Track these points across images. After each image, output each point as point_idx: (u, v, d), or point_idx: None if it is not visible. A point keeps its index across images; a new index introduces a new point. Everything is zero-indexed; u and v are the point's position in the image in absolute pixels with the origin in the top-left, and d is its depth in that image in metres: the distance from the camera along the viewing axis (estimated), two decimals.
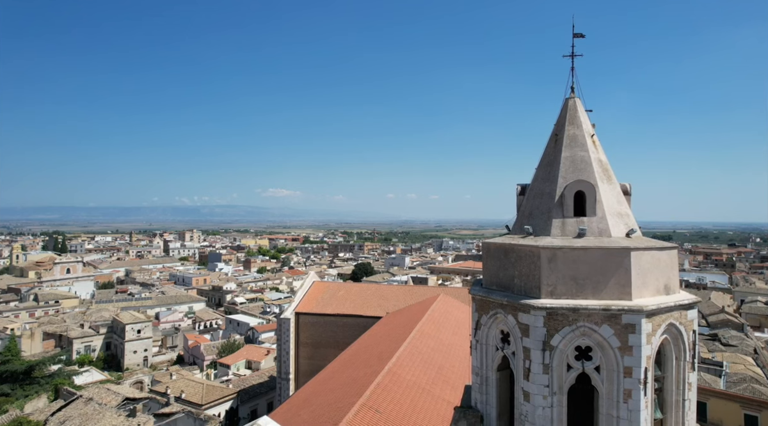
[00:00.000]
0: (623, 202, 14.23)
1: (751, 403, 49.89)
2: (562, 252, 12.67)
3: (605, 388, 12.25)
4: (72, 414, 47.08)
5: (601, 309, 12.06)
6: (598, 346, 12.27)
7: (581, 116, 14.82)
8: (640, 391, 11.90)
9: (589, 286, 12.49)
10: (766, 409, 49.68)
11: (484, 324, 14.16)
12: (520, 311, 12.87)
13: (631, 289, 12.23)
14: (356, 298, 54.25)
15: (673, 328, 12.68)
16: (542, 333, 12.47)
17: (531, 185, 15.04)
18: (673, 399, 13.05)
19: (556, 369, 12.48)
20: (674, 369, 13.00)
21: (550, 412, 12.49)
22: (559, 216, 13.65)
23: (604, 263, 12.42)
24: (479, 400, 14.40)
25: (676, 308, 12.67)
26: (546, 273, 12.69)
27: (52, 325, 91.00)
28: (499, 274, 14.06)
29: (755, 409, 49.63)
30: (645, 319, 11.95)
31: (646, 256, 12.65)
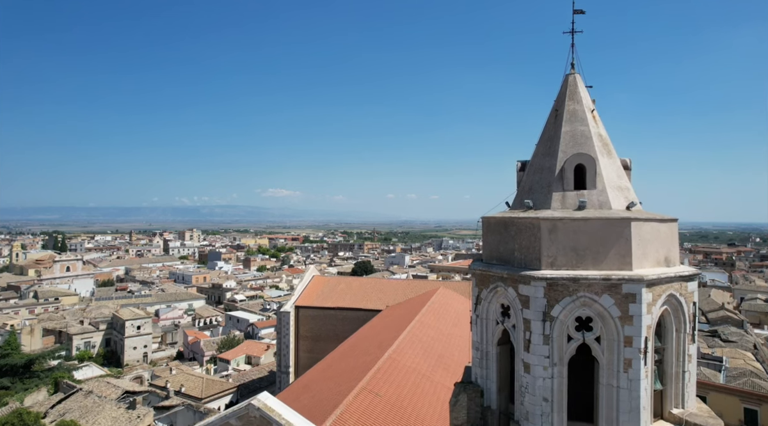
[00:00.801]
0: (623, 177, 14.24)
1: (750, 397, 49.90)
2: (563, 223, 12.68)
3: (605, 358, 12.25)
4: (72, 406, 47.07)
5: (602, 279, 12.06)
6: (599, 316, 12.27)
7: (581, 92, 14.84)
8: (640, 361, 11.90)
9: (589, 257, 12.49)
10: (765, 403, 49.69)
11: (484, 298, 14.17)
12: (520, 283, 12.87)
13: (632, 259, 12.23)
14: (356, 292, 54.24)
15: (673, 299, 12.69)
16: (542, 304, 12.48)
17: (531, 161, 15.05)
18: (673, 371, 13.05)
19: (557, 340, 12.48)
20: (674, 341, 13.00)
21: (550, 383, 12.49)
22: (560, 189, 13.66)
23: (604, 233, 12.43)
24: (479, 374, 14.41)
25: (676, 279, 12.68)
26: (546, 244, 12.70)
27: (52, 321, 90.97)
28: (499, 248, 14.06)
29: (755, 403, 49.63)
30: (645, 289, 11.96)
31: (646, 227, 12.66)
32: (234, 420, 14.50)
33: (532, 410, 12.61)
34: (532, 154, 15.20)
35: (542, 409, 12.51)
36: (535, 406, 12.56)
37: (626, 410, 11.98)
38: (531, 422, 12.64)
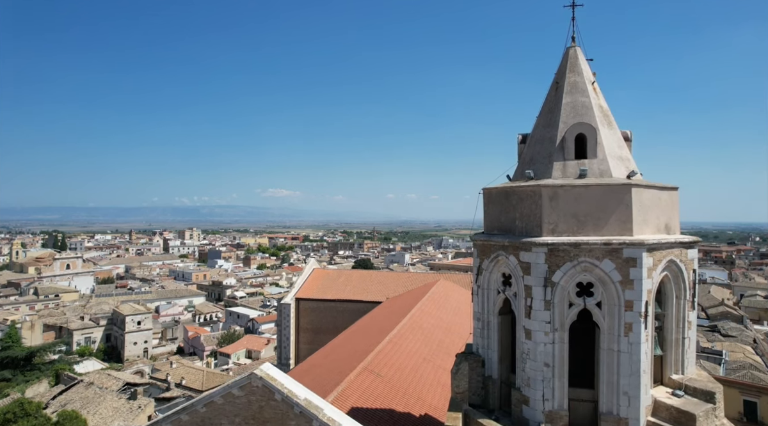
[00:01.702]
0: (624, 147, 14.32)
1: (750, 389, 49.96)
2: (564, 190, 12.76)
3: (606, 323, 12.33)
4: (73, 397, 47.10)
5: (603, 243, 12.14)
6: (600, 281, 12.35)
7: (582, 64, 14.92)
8: (640, 325, 11.98)
9: (590, 224, 12.57)
10: (765, 395, 49.76)
11: (485, 268, 14.25)
12: (521, 250, 12.95)
13: (632, 225, 12.31)
14: (356, 284, 54.32)
15: (673, 266, 12.77)
16: (543, 269, 12.56)
17: (532, 133, 15.14)
18: (673, 337, 13.14)
19: (558, 305, 12.57)
20: (674, 307, 13.09)
21: (551, 348, 12.57)
22: (560, 159, 13.74)
23: (605, 200, 12.51)
24: (480, 344, 14.49)
25: (676, 245, 12.76)
26: (547, 211, 12.78)
27: (52, 317, 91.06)
28: (500, 218, 14.14)
29: (754, 395, 49.69)
30: (646, 254, 12.04)
31: (646, 193, 12.74)
32: (236, 390, 14.58)
33: (534, 376, 12.69)
34: (532, 127, 15.29)
35: (543, 375, 12.59)
36: (536, 372, 12.64)
37: (627, 374, 12.06)
38: (532, 388, 12.72)
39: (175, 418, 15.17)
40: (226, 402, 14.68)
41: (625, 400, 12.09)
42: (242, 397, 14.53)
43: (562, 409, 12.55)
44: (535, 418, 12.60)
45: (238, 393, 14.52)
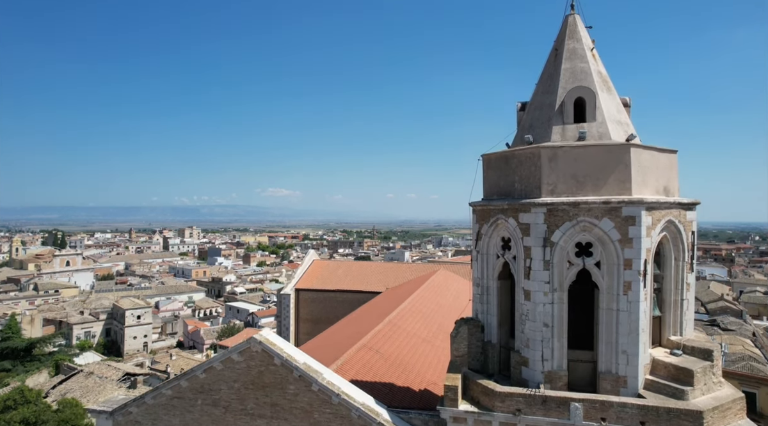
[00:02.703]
0: (623, 112, 14.34)
1: (749, 380, 49.95)
2: (563, 151, 12.79)
3: (605, 282, 12.35)
4: (73, 387, 47.11)
5: (602, 202, 12.16)
6: (599, 240, 12.38)
7: (581, 31, 14.92)
8: (639, 283, 12.01)
9: (589, 184, 12.59)
10: (764, 386, 49.81)
11: (484, 233, 14.26)
12: (520, 212, 12.97)
13: (631, 184, 12.33)
14: (356, 275, 54.30)
15: (672, 226, 12.79)
16: (543, 230, 12.58)
17: (531, 100, 15.14)
18: (671, 298, 13.16)
19: (557, 265, 12.59)
20: (673, 269, 13.11)
21: (551, 308, 12.59)
22: (559, 123, 13.76)
23: (604, 160, 12.53)
24: (480, 310, 14.50)
25: (675, 206, 12.79)
26: (546, 172, 12.80)
27: (52, 312, 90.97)
28: (499, 182, 14.16)
29: (753, 386, 49.68)
30: (645, 212, 12.06)
31: (645, 154, 12.76)
32: (235, 355, 14.58)
33: (533, 336, 12.71)
34: (531, 94, 15.30)
35: (543, 335, 12.61)
36: (535, 332, 12.67)
37: (625, 332, 12.09)
38: (531, 349, 12.75)
39: (175, 384, 15.20)
40: (225, 367, 14.70)
41: (624, 359, 12.12)
42: (242, 362, 14.55)
43: (561, 369, 12.58)
44: (535, 379, 12.62)
45: (238, 358, 14.54)
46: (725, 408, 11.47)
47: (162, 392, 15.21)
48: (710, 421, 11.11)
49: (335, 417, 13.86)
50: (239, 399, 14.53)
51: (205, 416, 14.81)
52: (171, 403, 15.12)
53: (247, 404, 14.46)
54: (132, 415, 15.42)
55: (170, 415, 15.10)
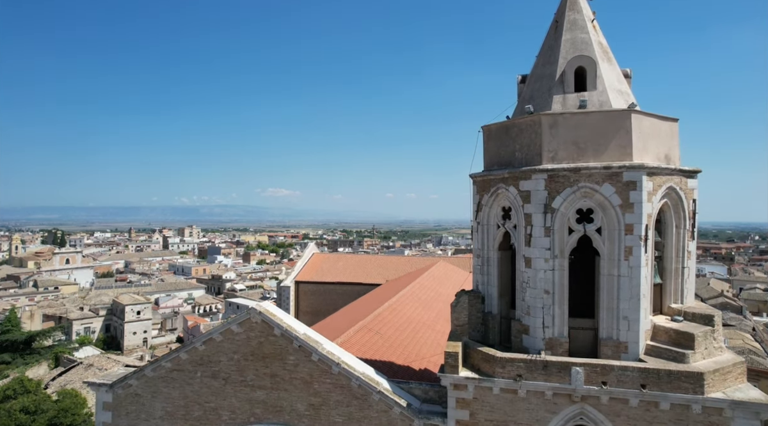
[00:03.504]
0: (624, 82, 14.30)
1: (749, 373, 49.82)
2: (563, 118, 12.76)
3: (606, 248, 12.32)
4: (73, 378, 47.07)
5: (602, 167, 12.13)
6: (600, 206, 12.34)
7: (581, 3, 14.87)
8: (640, 248, 11.97)
9: (590, 150, 12.55)
10: (764, 378, 49.77)
11: (485, 204, 14.23)
12: (521, 179, 12.93)
13: (632, 150, 12.29)
14: (356, 268, 54.26)
15: (673, 193, 12.76)
16: (543, 196, 12.54)
17: (531, 72, 15.11)
18: (672, 266, 13.13)
19: (558, 232, 12.55)
20: (674, 236, 13.08)
21: (551, 275, 12.55)
22: (560, 92, 13.72)
23: (605, 126, 12.49)
24: (480, 281, 14.47)
25: (677, 173, 12.75)
26: (547, 139, 12.77)
27: (51, 308, 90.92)
28: (500, 152, 14.12)
29: (753, 379, 49.49)
30: (646, 177, 12.03)
31: (646, 121, 12.72)
32: (235, 326, 14.53)
33: (533, 304, 12.67)
34: (532, 67, 15.27)
35: (543, 302, 12.57)
36: (536, 299, 12.63)
37: (627, 298, 12.05)
38: (532, 316, 12.71)
39: (174, 356, 15.15)
40: (225, 339, 14.66)
41: (625, 325, 12.08)
42: (241, 333, 14.50)
43: (562, 336, 12.55)
44: (535, 346, 12.59)
45: (237, 330, 14.50)
46: (726, 371, 11.43)
47: (161, 365, 15.17)
48: (711, 383, 11.08)
49: (335, 387, 13.82)
50: (239, 370, 14.49)
51: (204, 388, 14.76)
52: (170, 376, 15.08)
53: (247, 375, 14.41)
54: (132, 388, 15.37)
55: (170, 387, 15.05)
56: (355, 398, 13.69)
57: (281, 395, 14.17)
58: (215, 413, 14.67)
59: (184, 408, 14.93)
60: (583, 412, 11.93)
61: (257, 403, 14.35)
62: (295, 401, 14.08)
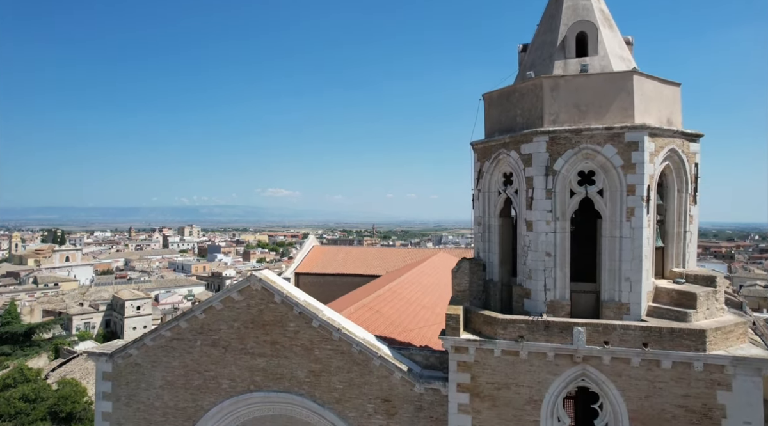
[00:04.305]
0: (625, 49, 14.26)
1: None
2: (565, 80, 12.72)
3: (608, 210, 12.27)
4: (73, 369, 47.07)
5: (604, 128, 12.09)
6: (601, 168, 12.30)
7: None
8: (642, 209, 11.93)
9: (591, 113, 12.51)
10: None
11: (486, 171, 14.18)
12: (522, 143, 12.89)
13: (634, 112, 12.24)
14: (356, 260, 54.19)
15: (675, 156, 12.70)
16: (545, 158, 12.50)
17: (532, 41, 15.06)
18: (674, 230, 13.07)
19: (559, 194, 12.51)
20: (676, 200, 13.02)
21: (553, 237, 12.51)
22: (561, 58, 13.67)
23: (606, 88, 12.44)
24: (481, 248, 14.42)
25: (678, 135, 12.70)
26: (548, 102, 12.72)
27: (51, 304, 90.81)
28: (501, 119, 14.07)
29: None
30: (648, 138, 11.99)
31: (648, 84, 12.67)
32: (235, 294, 14.48)
33: (535, 267, 12.63)
34: (533, 36, 15.22)
35: (545, 265, 12.53)
36: (537, 262, 12.58)
37: (629, 259, 12.00)
38: (533, 279, 12.66)
39: (174, 325, 15.11)
40: (225, 307, 14.62)
41: (627, 286, 12.04)
42: (241, 301, 14.46)
43: (564, 299, 12.50)
44: (537, 309, 12.54)
45: (238, 297, 14.46)
46: (728, 330, 11.38)
47: (161, 334, 15.12)
48: (713, 340, 11.03)
49: (336, 353, 13.78)
50: (239, 338, 14.44)
51: (204, 356, 14.72)
52: (170, 345, 15.03)
53: (247, 343, 14.37)
54: (132, 358, 15.32)
55: (170, 356, 15.01)
56: (356, 364, 13.64)
57: (281, 362, 14.13)
58: (215, 381, 14.63)
59: (183, 377, 14.89)
60: (585, 373, 11.88)
61: (257, 370, 14.31)
62: (295, 368, 14.04)
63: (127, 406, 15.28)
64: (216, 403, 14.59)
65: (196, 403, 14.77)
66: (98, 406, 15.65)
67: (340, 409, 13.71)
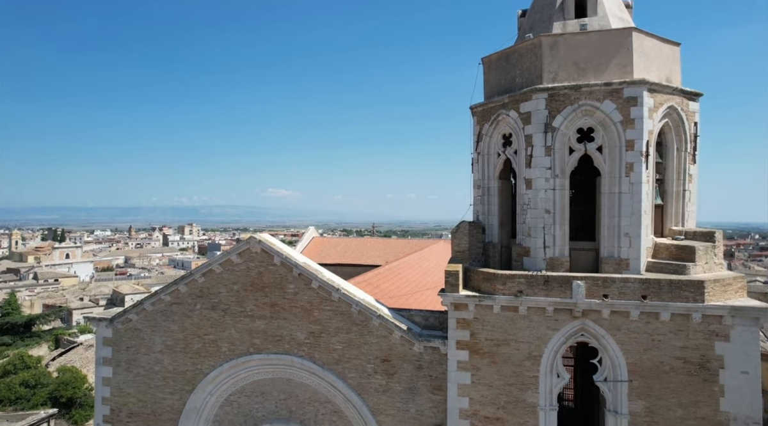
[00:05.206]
0: (624, 11, 14.25)
1: None
2: (564, 38, 12.73)
3: (607, 166, 12.28)
4: (73, 358, 47.09)
5: (603, 84, 12.10)
6: (601, 124, 12.31)
7: None
8: (641, 164, 11.94)
9: (591, 70, 12.52)
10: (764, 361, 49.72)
11: (485, 133, 14.19)
12: (521, 102, 12.90)
13: (633, 68, 12.25)
14: (355, 250, 54.12)
15: (674, 113, 12.71)
16: (544, 115, 12.52)
17: (531, 5, 15.03)
18: (673, 189, 13.08)
19: (558, 151, 12.52)
20: (675, 159, 13.03)
21: (552, 194, 12.52)
22: (560, 19, 13.67)
23: (606, 46, 12.45)
24: (481, 211, 14.41)
25: (678, 92, 12.72)
26: (548, 61, 12.73)
27: (51, 298, 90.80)
28: (500, 81, 14.08)
29: None
30: (647, 93, 12.00)
31: (648, 41, 12.68)
32: (235, 256, 14.49)
33: (534, 224, 12.63)
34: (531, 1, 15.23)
35: (544, 221, 12.54)
36: (536, 219, 12.59)
37: (628, 214, 12.01)
38: (533, 237, 12.67)
39: (173, 289, 15.12)
40: (224, 270, 14.63)
41: (626, 241, 12.04)
42: (241, 264, 14.47)
43: (563, 256, 12.51)
44: (536, 267, 12.53)
45: (237, 260, 14.47)
46: (726, 283, 11.40)
47: (161, 298, 15.13)
48: (711, 292, 11.04)
49: (335, 314, 13.78)
50: (238, 301, 14.45)
51: (204, 320, 14.73)
52: (170, 309, 15.04)
53: (247, 306, 14.38)
54: (131, 323, 15.33)
55: (169, 321, 15.02)
56: (355, 324, 13.65)
57: (281, 324, 14.14)
58: (214, 345, 14.64)
59: (183, 341, 14.90)
60: (584, 327, 11.89)
61: (257, 333, 14.32)
62: (294, 330, 14.05)
63: (127, 371, 15.29)
64: (215, 367, 14.60)
65: (195, 367, 14.78)
66: (98, 372, 15.67)
67: (339, 369, 13.71)
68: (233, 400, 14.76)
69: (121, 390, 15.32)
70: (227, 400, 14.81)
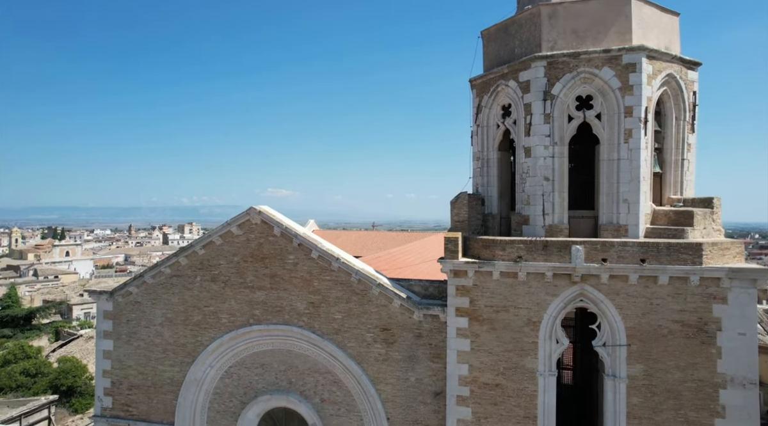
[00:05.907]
0: None
1: None
2: (563, 7, 12.77)
3: (606, 133, 12.34)
4: (73, 349, 47.12)
5: (602, 51, 12.16)
6: (599, 91, 12.36)
7: None
8: (640, 130, 12.00)
9: (589, 38, 12.57)
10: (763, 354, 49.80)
11: (484, 105, 14.24)
12: (521, 71, 12.96)
13: (632, 36, 12.30)
14: (355, 242, 54.09)
15: (673, 82, 12.76)
16: (543, 83, 12.57)
17: None
18: (672, 158, 13.12)
19: (557, 119, 12.57)
20: (674, 128, 13.07)
21: (551, 162, 12.57)
22: None
23: (604, 13, 12.50)
24: (480, 183, 14.46)
25: (677, 60, 12.76)
26: (546, 30, 12.78)
27: (51, 295, 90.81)
28: (499, 53, 14.14)
29: None
30: (646, 59, 12.05)
31: (647, 9, 12.73)
32: (234, 228, 14.54)
33: (533, 192, 12.69)
34: None
35: (543, 189, 12.59)
36: (536, 187, 12.64)
37: (627, 181, 12.07)
38: (532, 205, 12.72)
39: (174, 261, 15.17)
40: (224, 242, 14.67)
41: (625, 208, 12.10)
42: (241, 235, 14.51)
43: (562, 223, 12.56)
44: (535, 234, 12.58)
45: (237, 231, 14.52)
46: (724, 247, 11.43)
47: (161, 271, 15.19)
48: (709, 254, 11.08)
49: (335, 284, 13.83)
50: (238, 273, 14.49)
51: (204, 292, 14.78)
52: (170, 282, 15.10)
53: (247, 277, 14.43)
54: (132, 296, 15.38)
55: (169, 293, 15.07)
56: (355, 294, 13.70)
57: (281, 295, 14.19)
58: (214, 317, 14.69)
59: (183, 313, 14.96)
60: (583, 292, 11.94)
61: (257, 304, 14.37)
62: (294, 300, 14.10)
63: (127, 344, 15.34)
64: (215, 338, 14.66)
65: (195, 339, 14.84)
66: (99, 345, 15.72)
67: (339, 339, 13.76)
68: (233, 372, 14.81)
69: (121, 363, 15.37)
70: (227, 372, 14.85)
